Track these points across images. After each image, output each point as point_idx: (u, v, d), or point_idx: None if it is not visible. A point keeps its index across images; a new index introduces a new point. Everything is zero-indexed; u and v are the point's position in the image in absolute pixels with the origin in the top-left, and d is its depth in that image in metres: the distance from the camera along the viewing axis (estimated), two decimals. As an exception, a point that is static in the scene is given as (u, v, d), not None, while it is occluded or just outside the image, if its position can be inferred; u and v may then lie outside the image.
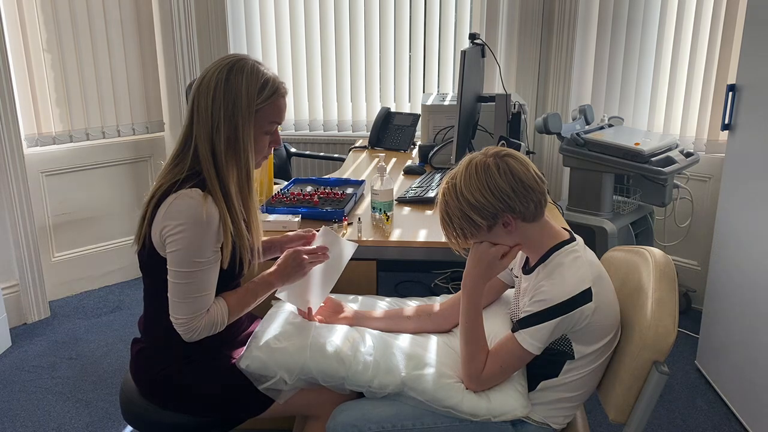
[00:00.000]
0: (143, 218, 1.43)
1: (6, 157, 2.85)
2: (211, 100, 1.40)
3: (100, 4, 3.20)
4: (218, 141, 1.40)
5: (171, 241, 1.37)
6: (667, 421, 2.32)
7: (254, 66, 1.43)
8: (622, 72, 3.24)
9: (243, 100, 1.40)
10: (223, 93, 1.40)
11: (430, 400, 1.41)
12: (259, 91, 1.41)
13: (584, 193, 2.79)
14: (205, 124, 1.41)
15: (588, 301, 1.32)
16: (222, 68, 1.41)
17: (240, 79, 1.40)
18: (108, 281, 3.47)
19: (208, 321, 1.41)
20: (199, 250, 1.37)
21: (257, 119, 1.43)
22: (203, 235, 1.37)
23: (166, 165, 1.47)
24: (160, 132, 3.55)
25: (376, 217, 1.96)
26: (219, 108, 1.40)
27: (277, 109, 1.46)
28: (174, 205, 1.37)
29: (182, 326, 1.40)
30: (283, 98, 1.48)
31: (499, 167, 1.33)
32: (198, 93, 1.42)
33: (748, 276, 2.24)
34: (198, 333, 1.41)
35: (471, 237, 1.40)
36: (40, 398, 2.47)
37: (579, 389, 1.43)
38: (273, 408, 1.54)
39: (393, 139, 3.15)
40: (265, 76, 1.43)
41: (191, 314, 1.40)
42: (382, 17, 3.48)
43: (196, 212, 1.36)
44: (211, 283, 1.42)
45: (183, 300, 1.39)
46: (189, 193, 1.37)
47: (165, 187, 1.40)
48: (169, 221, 1.37)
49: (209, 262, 1.40)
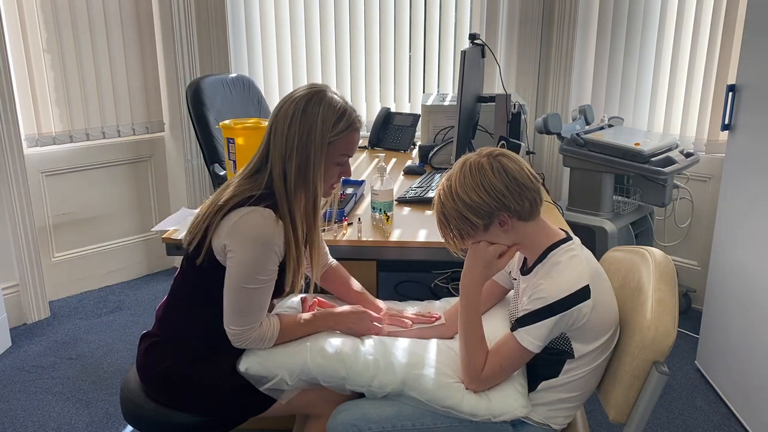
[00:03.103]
0: (207, 222, 1.44)
1: (6, 157, 2.85)
2: (287, 127, 1.44)
3: (100, 4, 3.20)
4: (290, 167, 1.44)
5: (234, 255, 1.41)
6: (667, 421, 2.32)
7: (332, 98, 1.46)
8: (622, 72, 3.24)
9: (317, 131, 1.43)
10: (300, 122, 1.43)
11: (430, 400, 1.41)
12: (334, 124, 1.45)
13: (584, 193, 2.79)
14: (280, 150, 1.44)
15: (586, 299, 1.32)
16: (302, 97, 1.45)
17: (317, 111, 1.44)
18: (108, 281, 3.47)
19: (258, 335, 1.47)
20: (260, 268, 1.42)
21: (329, 151, 1.46)
22: (267, 255, 1.41)
23: (239, 176, 1.50)
24: (160, 132, 3.55)
25: (376, 217, 1.96)
26: (294, 136, 1.43)
27: (350, 142, 1.49)
28: (246, 219, 1.40)
29: (234, 336, 1.46)
30: (357, 132, 1.50)
31: (493, 166, 1.34)
32: (276, 118, 1.46)
33: (748, 276, 2.24)
34: (248, 344, 1.47)
35: (468, 237, 1.41)
36: (40, 398, 2.47)
37: (579, 389, 1.43)
38: (274, 407, 1.54)
39: (393, 139, 3.15)
40: (342, 109, 1.46)
41: (245, 326, 1.45)
42: (382, 17, 3.48)
43: (266, 233, 1.40)
44: (266, 300, 1.48)
45: (238, 313, 1.44)
46: (263, 213, 1.41)
47: (239, 199, 1.43)
48: (237, 234, 1.40)
49: (268, 280, 1.44)
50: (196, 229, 1.47)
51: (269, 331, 1.48)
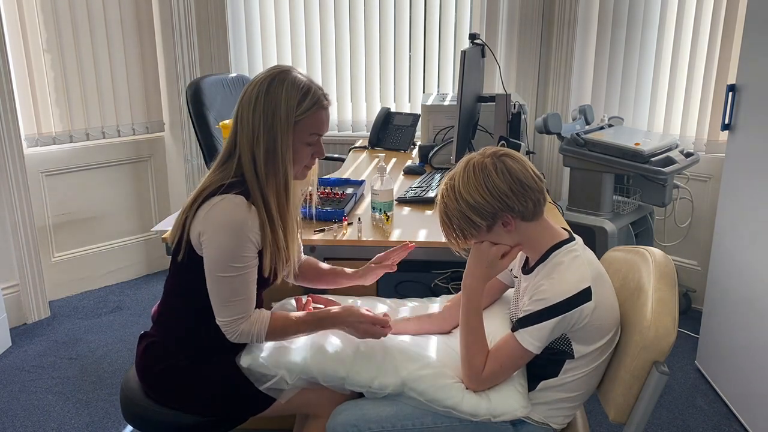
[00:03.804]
0: (184, 216, 1.44)
1: (6, 157, 2.85)
2: (252, 111, 1.42)
3: (100, 5, 3.20)
4: (258, 152, 1.42)
5: (208, 245, 1.40)
6: (667, 421, 2.32)
7: (295, 77, 1.44)
8: (622, 72, 3.24)
9: (282, 111, 1.41)
10: (264, 104, 1.41)
11: (431, 400, 1.41)
12: (298, 103, 1.42)
13: (584, 193, 2.79)
14: (247, 135, 1.43)
15: (587, 300, 1.32)
16: (264, 79, 1.44)
17: (280, 91, 1.42)
18: (108, 281, 3.47)
19: (247, 327, 1.45)
20: (236, 255, 1.40)
21: (297, 131, 1.44)
22: (240, 243, 1.40)
23: (211, 169, 1.49)
24: (160, 132, 3.55)
25: (376, 217, 1.96)
26: (259, 119, 1.41)
27: (317, 120, 1.46)
28: (217, 208, 1.39)
29: (224, 327, 1.45)
30: (325, 110, 1.48)
31: (497, 167, 1.34)
32: (241, 104, 1.45)
33: (748, 276, 2.24)
34: (238, 336, 1.46)
35: (471, 237, 1.41)
36: (40, 398, 2.47)
37: (579, 389, 1.43)
38: (274, 407, 1.54)
39: (393, 139, 3.14)
40: (305, 87, 1.44)
41: (232, 317, 1.44)
42: (382, 17, 3.48)
43: (238, 219, 1.39)
44: (248, 290, 1.45)
45: (222, 303, 1.43)
46: (234, 199, 1.40)
47: (211, 189, 1.42)
48: (209, 223, 1.39)
49: (244, 268, 1.42)
50: (177, 225, 1.47)
51: (258, 323, 1.46)
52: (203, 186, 1.45)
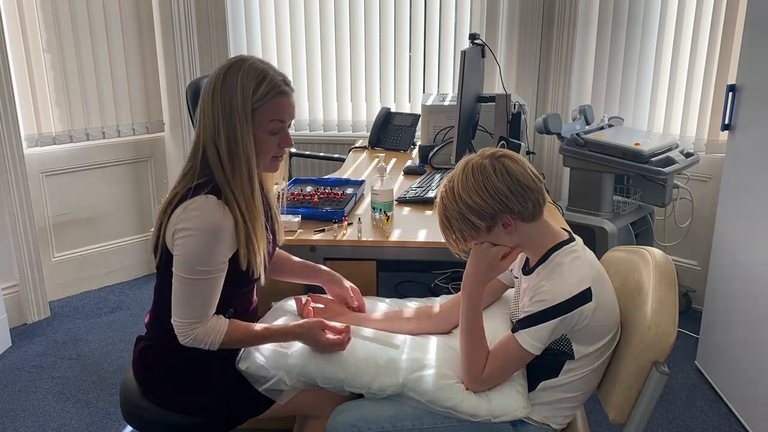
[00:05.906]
0: (160, 219, 1.42)
1: (6, 157, 2.85)
2: (210, 103, 1.39)
3: (100, 5, 3.20)
4: (220, 145, 1.39)
5: (179, 245, 1.37)
6: (667, 421, 2.32)
7: (252, 65, 1.41)
8: (622, 72, 3.24)
9: (238, 100, 1.38)
10: (221, 95, 1.38)
11: (430, 400, 1.41)
12: (254, 90, 1.38)
13: (584, 193, 2.79)
14: (209, 129, 1.40)
15: (588, 301, 1.32)
16: (221, 69, 1.41)
17: (235, 80, 1.38)
18: (108, 281, 3.47)
19: (201, 333, 1.40)
20: (203, 258, 1.37)
21: (256, 119, 1.40)
22: (211, 245, 1.36)
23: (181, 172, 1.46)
24: (160, 132, 3.55)
25: (376, 217, 1.96)
26: (218, 110, 1.38)
27: (278, 107, 1.41)
28: (188, 210, 1.36)
29: (177, 328, 1.41)
30: (285, 95, 1.43)
31: (496, 168, 1.33)
32: (202, 99, 1.41)
33: (748, 276, 2.24)
34: (192, 340, 1.41)
35: (471, 239, 1.40)
36: (40, 398, 2.47)
37: (579, 389, 1.43)
38: (273, 408, 1.54)
39: (393, 139, 3.14)
40: (262, 73, 1.40)
41: (187, 319, 1.40)
42: (382, 17, 3.48)
43: (209, 220, 1.36)
44: (212, 294, 1.41)
45: (181, 303, 1.40)
46: (204, 200, 1.37)
47: (181, 194, 1.39)
48: (181, 224, 1.36)
49: (213, 272, 1.39)
50: (154, 236, 1.44)
51: (214, 331, 1.41)
52: (175, 191, 1.42)
